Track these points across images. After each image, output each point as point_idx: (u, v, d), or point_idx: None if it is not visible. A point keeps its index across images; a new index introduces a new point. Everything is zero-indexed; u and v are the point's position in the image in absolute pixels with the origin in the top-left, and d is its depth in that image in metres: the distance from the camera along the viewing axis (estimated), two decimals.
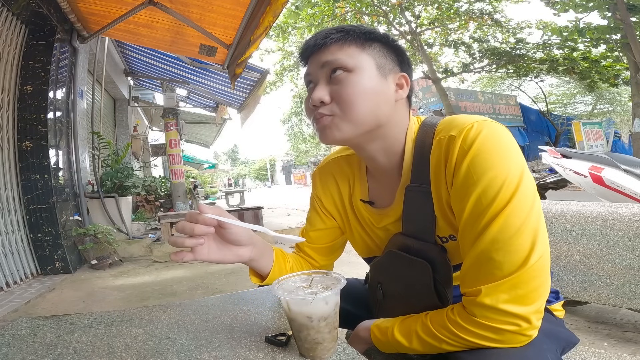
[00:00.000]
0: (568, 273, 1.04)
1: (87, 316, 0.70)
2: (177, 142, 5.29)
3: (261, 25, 2.80)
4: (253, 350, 0.53)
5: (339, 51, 0.62)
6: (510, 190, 0.51)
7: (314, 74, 0.65)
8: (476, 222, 0.52)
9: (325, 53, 0.63)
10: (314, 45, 0.63)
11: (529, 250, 0.50)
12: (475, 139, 0.54)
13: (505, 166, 0.52)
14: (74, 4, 3.48)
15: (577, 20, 8.94)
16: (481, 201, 0.52)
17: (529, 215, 0.51)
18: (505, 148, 0.53)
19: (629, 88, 9.00)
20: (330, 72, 0.62)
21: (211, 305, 0.72)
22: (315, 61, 0.64)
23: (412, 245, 0.64)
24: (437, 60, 12.22)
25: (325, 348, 0.50)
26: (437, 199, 0.61)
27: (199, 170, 18.21)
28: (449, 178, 0.57)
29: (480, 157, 0.53)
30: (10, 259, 2.90)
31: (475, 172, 0.53)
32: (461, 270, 0.56)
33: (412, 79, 0.67)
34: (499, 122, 0.57)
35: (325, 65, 0.62)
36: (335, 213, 0.81)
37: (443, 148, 0.58)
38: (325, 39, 0.63)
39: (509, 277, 0.50)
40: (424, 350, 0.58)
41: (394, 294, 0.69)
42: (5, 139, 3.09)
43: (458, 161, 0.55)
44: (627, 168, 2.70)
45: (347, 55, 0.62)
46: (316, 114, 0.63)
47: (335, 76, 0.61)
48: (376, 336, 0.64)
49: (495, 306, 0.50)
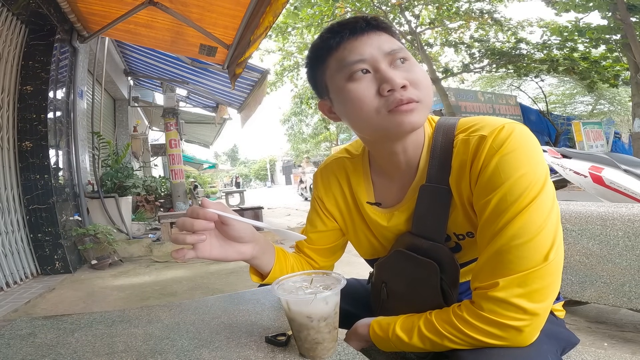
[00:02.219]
0: (568, 273, 1.04)
1: (87, 316, 0.70)
2: (177, 142, 5.29)
3: (261, 25, 2.80)
4: (253, 350, 0.53)
5: (395, 41, 0.63)
6: (536, 190, 0.53)
7: (374, 58, 0.60)
8: (498, 218, 0.53)
9: (384, 40, 0.61)
10: (366, 26, 0.62)
11: (549, 247, 0.51)
12: (506, 140, 0.55)
13: (532, 167, 0.54)
14: (74, 4, 3.48)
15: (577, 20, 8.94)
16: (506, 198, 0.53)
17: (550, 214, 0.53)
18: (533, 150, 0.55)
19: (628, 88, 9.00)
20: (396, 60, 0.61)
21: (211, 305, 0.72)
22: (371, 45, 0.61)
23: (421, 245, 0.64)
24: (437, 60, 12.23)
25: (325, 348, 0.50)
26: (458, 197, 0.61)
27: (199, 170, 18.20)
28: (473, 176, 0.58)
29: (509, 156, 0.54)
30: (10, 259, 2.90)
31: (504, 170, 0.54)
32: (477, 264, 0.57)
33: None
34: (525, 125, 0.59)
35: (391, 52, 0.60)
36: (337, 214, 0.80)
37: (471, 148, 0.59)
38: (378, 26, 0.62)
39: (527, 271, 0.51)
40: (423, 347, 0.58)
41: (398, 293, 0.69)
42: (5, 139, 3.09)
43: (486, 159, 0.56)
44: (627, 168, 2.70)
45: (400, 46, 0.62)
46: (403, 98, 0.59)
47: (405, 64, 0.61)
48: (375, 332, 0.63)
49: (507, 299, 0.51)
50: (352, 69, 0.60)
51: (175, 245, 0.59)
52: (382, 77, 0.59)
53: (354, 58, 0.60)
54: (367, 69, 0.60)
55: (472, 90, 13.43)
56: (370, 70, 0.60)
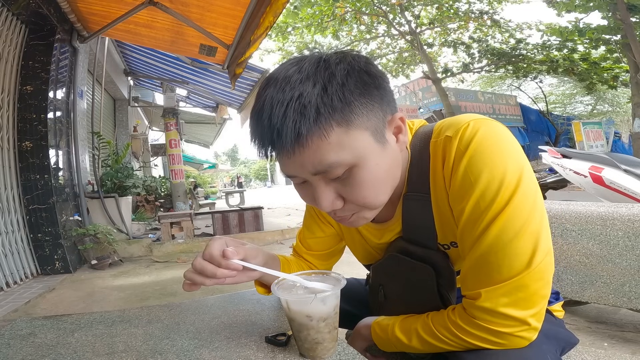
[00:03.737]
0: (568, 273, 1.04)
1: (87, 316, 0.70)
2: (177, 142, 5.29)
3: (261, 25, 2.80)
4: (253, 350, 0.53)
5: (323, 147, 0.47)
6: (510, 190, 0.49)
7: (302, 176, 0.52)
8: (475, 225, 0.50)
9: (305, 155, 0.48)
10: (282, 146, 0.47)
11: (530, 253, 0.48)
12: (472, 138, 0.51)
13: (503, 165, 0.49)
14: (74, 4, 3.48)
15: (577, 21, 8.95)
16: (479, 203, 0.50)
17: (530, 216, 0.49)
18: (503, 146, 0.51)
19: (628, 90, 9.00)
20: (327, 176, 0.50)
21: (211, 305, 0.72)
22: (294, 165, 0.50)
23: (415, 252, 0.63)
24: (437, 60, 12.24)
25: (325, 348, 0.50)
26: (436, 206, 0.58)
27: (199, 170, 18.21)
28: (447, 181, 0.55)
29: (477, 157, 0.50)
30: (10, 259, 2.90)
31: (473, 172, 0.50)
32: (461, 273, 0.56)
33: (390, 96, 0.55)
34: (496, 120, 0.55)
35: (317, 173, 0.50)
36: (333, 221, 0.79)
37: (439, 151, 0.55)
38: (295, 135, 0.46)
39: (509, 280, 0.48)
40: (423, 349, 0.58)
41: (396, 295, 0.68)
42: (5, 139, 3.09)
43: (455, 162, 0.52)
44: (627, 168, 2.70)
45: (337, 147, 0.47)
46: (336, 217, 0.56)
47: (337, 178, 0.51)
48: (377, 333, 0.64)
49: (495, 309, 0.49)
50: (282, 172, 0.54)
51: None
52: (314, 193, 0.53)
53: (284, 171, 0.53)
54: (303, 179, 0.53)
55: (472, 90, 13.45)
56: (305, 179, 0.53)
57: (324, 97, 0.46)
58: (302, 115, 0.45)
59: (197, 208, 7.05)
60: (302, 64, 0.49)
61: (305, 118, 0.45)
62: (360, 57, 0.51)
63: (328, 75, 0.47)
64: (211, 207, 7.62)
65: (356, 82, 0.48)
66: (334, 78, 0.47)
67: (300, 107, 0.46)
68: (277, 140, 0.47)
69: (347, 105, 0.47)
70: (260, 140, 0.49)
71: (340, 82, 0.47)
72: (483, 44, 11.06)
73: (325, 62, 0.49)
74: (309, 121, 0.45)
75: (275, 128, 0.46)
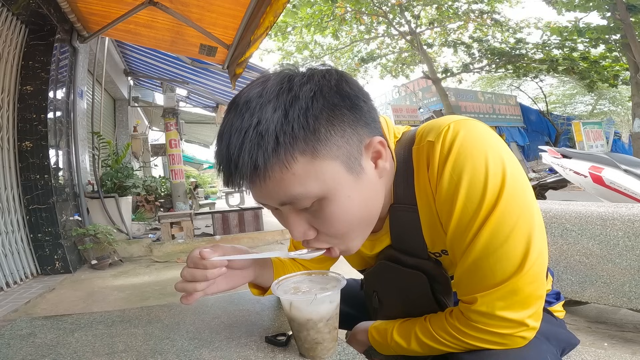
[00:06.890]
0: (568, 273, 1.04)
1: (87, 316, 0.70)
2: (177, 142, 5.28)
3: (262, 25, 2.80)
4: (253, 350, 0.53)
5: (287, 179, 0.44)
6: (495, 192, 0.47)
7: (270, 205, 0.50)
8: (465, 231, 0.49)
9: (268, 186, 0.45)
10: (240, 177, 0.45)
11: (522, 256, 0.47)
12: (454, 141, 0.49)
13: (484, 166, 0.47)
14: (74, 4, 3.48)
15: (576, 20, 8.95)
16: (467, 208, 0.48)
17: (520, 216, 0.47)
18: (485, 148, 0.48)
19: (628, 88, 9.00)
20: (295, 207, 0.48)
21: (211, 305, 0.72)
22: (262, 194, 0.47)
23: (406, 261, 0.61)
24: (435, 60, 12.24)
25: (325, 348, 0.50)
26: (424, 216, 0.56)
27: (199, 170, 18.21)
28: (433, 187, 0.52)
29: (460, 159, 0.48)
30: (10, 259, 2.90)
31: (457, 175, 0.48)
32: (455, 279, 0.56)
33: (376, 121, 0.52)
34: (478, 120, 0.53)
35: (283, 204, 0.47)
36: None
37: (423, 157, 0.53)
38: (252, 167, 0.43)
39: (503, 284, 0.48)
40: (422, 352, 0.58)
41: (391, 300, 0.68)
42: (5, 139, 3.09)
43: (439, 167, 0.50)
44: (627, 168, 2.69)
45: (302, 178, 0.44)
46: (308, 247, 0.54)
47: (307, 209, 0.48)
48: (374, 338, 0.63)
49: (492, 313, 0.49)
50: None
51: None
52: (285, 222, 0.51)
53: (254, 198, 0.51)
54: (274, 207, 0.51)
55: (472, 91, 13.45)
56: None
57: (284, 125, 0.42)
58: (259, 145, 0.42)
59: (197, 208, 7.05)
60: (265, 84, 0.46)
61: (262, 148, 0.42)
62: (331, 74, 0.47)
63: (291, 98, 0.43)
64: (211, 207, 7.61)
65: (323, 105, 0.44)
66: (296, 102, 0.43)
67: (257, 137, 0.42)
68: (235, 171, 0.44)
69: (311, 133, 0.43)
70: (222, 170, 0.46)
71: (304, 107, 0.43)
72: (483, 43, 11.06)
73: (289, 83, 0.45)
74: (266, 151, 0.42)
75: (232, 159, 0.44)
